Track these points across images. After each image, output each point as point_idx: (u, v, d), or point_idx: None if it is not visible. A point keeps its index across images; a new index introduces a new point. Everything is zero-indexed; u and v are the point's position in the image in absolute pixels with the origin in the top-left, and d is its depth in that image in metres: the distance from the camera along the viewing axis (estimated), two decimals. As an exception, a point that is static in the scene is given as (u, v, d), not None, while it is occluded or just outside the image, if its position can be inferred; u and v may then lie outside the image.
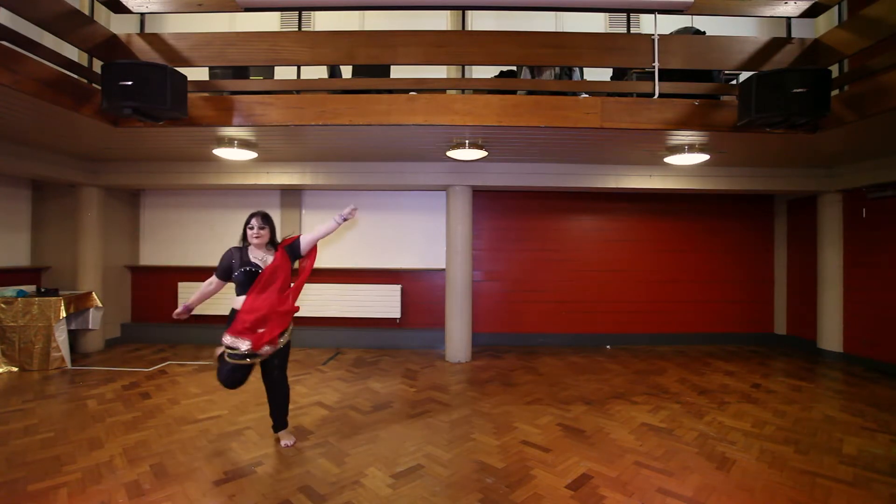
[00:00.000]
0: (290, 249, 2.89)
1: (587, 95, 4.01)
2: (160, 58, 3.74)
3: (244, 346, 2.68)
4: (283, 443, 2.99)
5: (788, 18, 3.94)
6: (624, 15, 5.40)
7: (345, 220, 2.92)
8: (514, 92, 4.00)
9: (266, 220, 2.88)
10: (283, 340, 2.87)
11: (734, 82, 4.25)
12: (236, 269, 2.79)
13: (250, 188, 5.67)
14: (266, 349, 2.77)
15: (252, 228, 2.82)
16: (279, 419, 3.02)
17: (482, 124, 3.69)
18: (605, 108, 3.68)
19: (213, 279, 2.89)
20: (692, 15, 3.90)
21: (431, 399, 3.96)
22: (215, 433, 3.17)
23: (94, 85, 3.54)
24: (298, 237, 2.94)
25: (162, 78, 3.06)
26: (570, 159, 5.12)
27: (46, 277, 5.62)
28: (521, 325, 6.14)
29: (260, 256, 2.84)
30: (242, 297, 2.75)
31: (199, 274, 6.07)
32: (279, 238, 2.99)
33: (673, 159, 4.55)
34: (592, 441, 3.12)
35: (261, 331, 2.72)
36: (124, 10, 3.74)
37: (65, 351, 4.74)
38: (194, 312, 3.01)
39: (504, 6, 4.01)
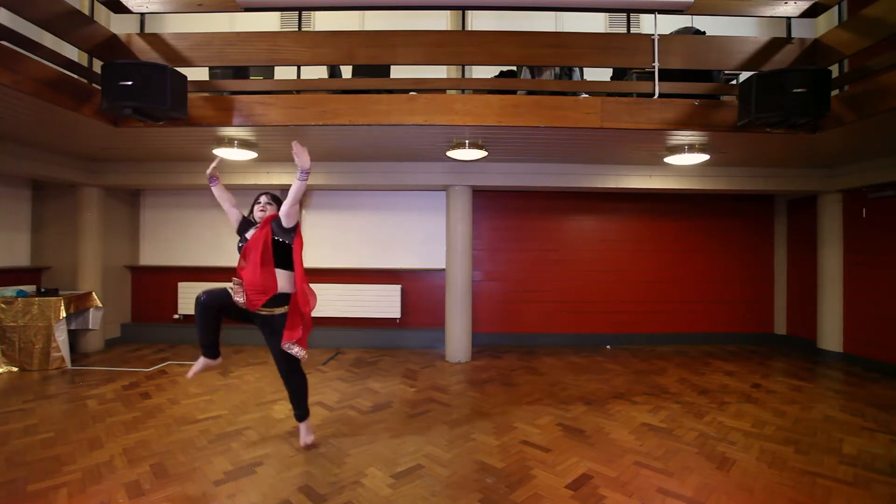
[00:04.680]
0: (276, 223, 2.76)
1: (587, 95, 4.01)
2: (160, 58, 3.74)
3: (236, 290, 2.70)
4: (301, 440, 2.94)
5: (788, 18, 3.93)
6: (624, 15, 5.40)
7: (306, 172, 2.65)
8: (514, 92, 4.00)
9: (274, 199, 2.92)
10: (265, 312, 2.76)
11: (734, 82, 4.25)
12: (239, 242, 2.85)
13: (250, 188, 5.66)
14: (241, 300, 2.69)
15: (259, 203, 2.88)
16: (297, 408, 2.94)
17: (482, 124, 3.69)
18: (605, 108, 3.68)
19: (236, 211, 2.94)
20: (692, 15, 3.90)
21: (431, 399, 3.96)
22: (215, 433, 3.17)
23: (94, 85, 3.54)
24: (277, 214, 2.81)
25: (162, 78, 3.06)
26: (570, 159, 5.12)
27: (46, 277, 5.61)
28: (521, 325, 6.14)
29: (253, 231, 2.82)
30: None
31: (199, 274, 6.07)
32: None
33: (673, 159, 4.55)
34: (592, 441, 3.12)
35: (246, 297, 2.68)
36: (124, 10, 3.74)
37: (65, 351, 4.74)
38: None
39: (504, 6, 4.01)
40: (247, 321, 2.89)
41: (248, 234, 2.82)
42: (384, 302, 5.89)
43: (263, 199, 2.91)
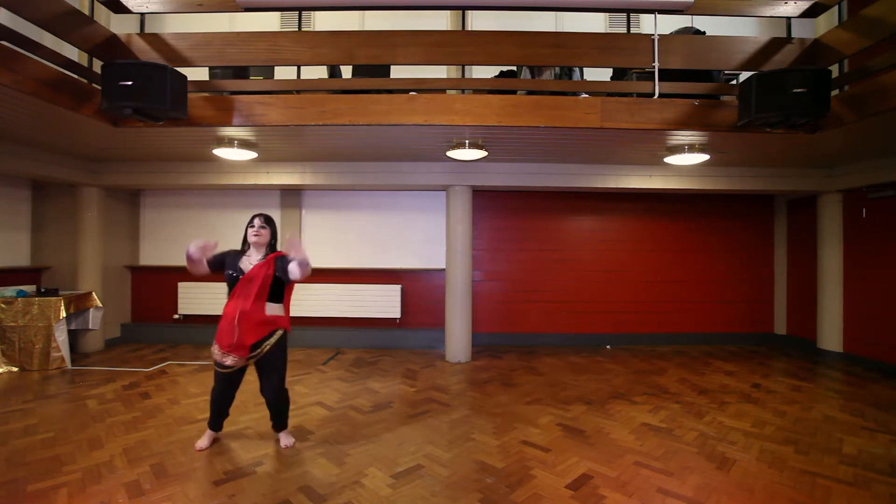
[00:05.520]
0: (281, 262, 2.78)
1: (587, 95, 4.01)
2: (160, 58, 3.74)
3: (217, 354, 2.75)
4: (282, 443, 2.98)
5: (788, 18, 3.93)
6: (624, 15, 5.40)
7: (301, 262, 2.62)
8: (514, 92, 4.00)
9: (268, 221, 2.88)
10: (257, 353, 2.76)
11: (734, 82, 4.25)
12: (227, 269, 2.80)
13: (250, 188, 5.67)
14: (232, 359, 2.71)
15: (253, 227, 2.83)
16: (278, 423, 3.02)
17: (482, 124, 3.69)
18: (605, 108, 3.68)
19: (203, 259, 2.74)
20: (692, 15, 3.90)
21: (431, 399, 3.96)
22: (215, 433, 3.17)
23: (94, 85, 3.54)
24: (290, 259, 2.75)
25: (162, 78, 3.06)
26: (570, 159, 5.12)
27: (46, 277, 5.61)
28: (521, 325, 6.14)
29: (251, 261, 2.80)
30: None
31: (199, 274, 6.07)
32: (279, 244, 2.92)
33: (673, 159, 4.55)
34: (592, 441, 3.12)
35: (230, 339, 2.69)
36: (124, 10, 3.73)
37: (65, 351, 4.74)
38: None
39: (504, 6, 4.01)
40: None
41: (243, 265, 2.77)
42: (384, 302, 5.89)
43: (257, 221, 2.84)
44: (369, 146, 4.57)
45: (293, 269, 2.68)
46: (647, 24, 5.33)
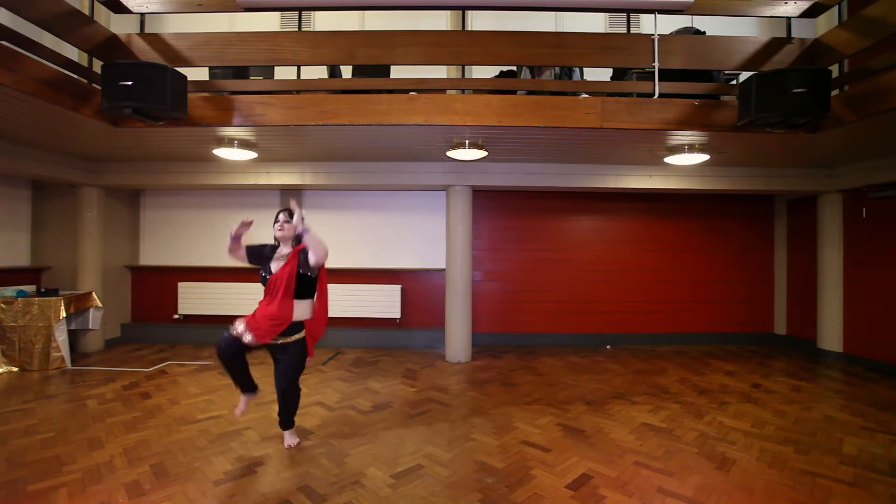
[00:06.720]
0: (304, 255, 2.81)
1: (587, 95, 4.01)
2: (160, 58, 3.74)
3: (239, 328, 2.71)
4: (286, 442, 2.99)
5: (788, 18, 3.94)
6: (624, 15, 5.41)
7: (309, 242, 2.72)
8: (514, 92, 4.00)
9: (292, 216, 2.89)
10: (279, 342, 2.81)
11: (734, 82, 4.25)
12: (261, 270, 2.86)
13: (250, 188, 5.67)
14: (250, 338, 2.71)
15: (278, 222, 2.88)
16: (285, 418, 3.01)
17: (482, 124, 3.69)
18: (605, 108, 3.68)
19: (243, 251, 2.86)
20: (692, 15, 3.90)
21: (431, 399, 3.96)
22: (215, 433, 3.17)
23: (94, 85, 3.54)
24: (306, 248, 2.82)
25: (162, 78, 3.06)
26: (570, 159, 5.12)
27: (46, 277, 5.61)
28: (521, 325, 6.14)
29: (280, 259, 2.85)
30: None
31: (199, 274, 6.07)
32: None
33: (673, 159, 4.55)
34: (592, 441, 3.12)
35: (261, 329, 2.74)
36: (124, 10, 3.73)
37: (65, 351, 4.74)
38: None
39: (504, 6, 4.01)
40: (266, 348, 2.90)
41: (273, 265, 2.83)
42: (384, 302, 5.89)
43: (282, 216, 2.88)
44: (369, 146, 4.57)
45: (310, 256, 2.75)
46: (647, 24, 5.33)
